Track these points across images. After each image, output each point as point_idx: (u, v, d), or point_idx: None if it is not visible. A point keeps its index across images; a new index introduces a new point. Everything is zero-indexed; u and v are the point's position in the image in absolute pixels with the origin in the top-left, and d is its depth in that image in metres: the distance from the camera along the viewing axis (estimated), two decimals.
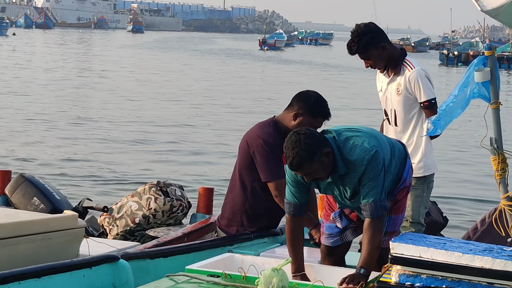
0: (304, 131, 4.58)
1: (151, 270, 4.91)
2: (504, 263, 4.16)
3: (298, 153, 4.51)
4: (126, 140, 17.72)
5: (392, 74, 6.22)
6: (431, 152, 6.26)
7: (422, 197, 6.23)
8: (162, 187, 6.67)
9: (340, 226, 5.17)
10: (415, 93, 6.13)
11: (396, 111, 6.23)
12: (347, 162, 4.67)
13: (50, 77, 33.78)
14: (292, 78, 39.08)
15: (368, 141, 4.71)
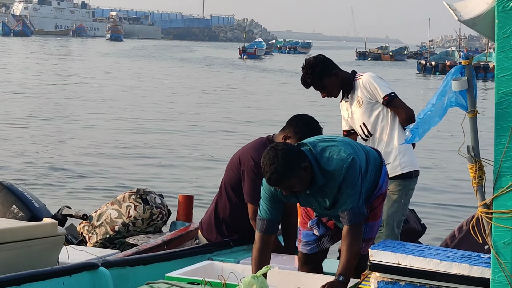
0: (281, 146, 4.59)
1: (131, 277, 4.91)
2: (481, 270, 4.19)
3: (276, 169, 4.52)
4: (104, 147, 17.68)
5: (350, 95, 6.37)
6: (407, 150, 6.33)
7: (400, 204, 6.27)
8: (142, 194, 6.68)
9: (318, 233, 5.20)
10: (374, 94, 6.29)
11: (365, 122, 6.34)
12: (325, 172, 4.70)
13: (29, 83, 33.65)
14: (275, 87, 39.13)
15: (344, 149, 4.74)
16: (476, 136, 3.49)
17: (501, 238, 3.40)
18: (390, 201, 6.19)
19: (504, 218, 3.37)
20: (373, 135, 6.36)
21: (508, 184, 3.33)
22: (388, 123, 6.31)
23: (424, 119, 3.52)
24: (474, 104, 3.49)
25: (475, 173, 3.44)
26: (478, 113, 3.46)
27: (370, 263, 4.41)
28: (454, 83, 3.43)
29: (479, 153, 3.47)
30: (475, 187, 3.48)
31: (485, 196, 3.47)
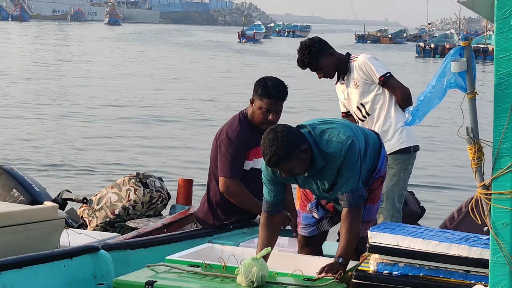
0: (281, 128, 4.60)
1: (131, 260, 4.93)
2: (480, 251, 4.22)
3: (276, 151, 4.53)
4: (104, 131, 17.69)
5: (346, 77, 6.41)
6: (404, 127, 6.36)
7: (398, 177, 6.30)
8: (142, 178, 6.69)
9: (317, 216, 5.21)
10: (370, 75, 6.34)
11: (362, 103, 6.39)
12: (325, 155, 4.71)
13: (29, 68, 33.62)
14: (277, 72, 39.11)
15: (343, 132, 4.75)
16: (475, 118, 3.49)
17: (500, 219, 3.40)
18: (389, 175, 6.22)
19: (503, 199, 3.38)
20: (370, 115, 6.41)
21: (507, 165, 3.34)
22: (385, 102, 6.36)
23: (424, 101, 3.52)
24: (473, 85, 3.49)
25: (474, 154, 3.45)
26: (477, 94, 3.47)
27: (369, 245, 4.44)
28: (453, 65, 3.43)
29: (478, 134, 3.48)
30: (474, 168, 3.49)
31: (484, 177, 3.48)
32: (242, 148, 5.75)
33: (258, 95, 5.71)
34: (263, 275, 4.32)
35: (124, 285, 4.33)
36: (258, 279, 4.29)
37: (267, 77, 5.79)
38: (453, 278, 4.27)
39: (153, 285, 4.26)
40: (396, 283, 4.34)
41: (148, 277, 4.39)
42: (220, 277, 4.45)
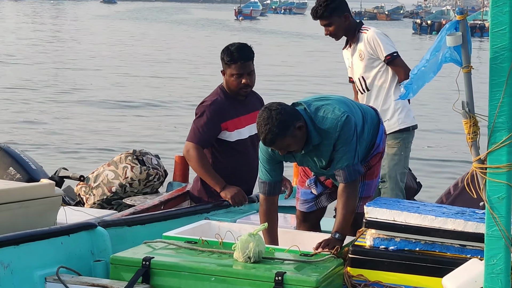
0: (275, 106, 4.60)
1: (128, 237, 4.94)
2: (476, 226, 4.24)
3: (270, 130, 4.54)
4: (100, 109, 17.66)
5: (353, 45, 6.40)
6: (404, 107, 6.38)
7: (400, 156, 6.33)
8: (138, 156, 6.69)
9: (316, 192, 5.23)
10: (377, 52, 6.32)
11: (364, 76, 6.39)
12: (321, 131, 4.71)
13: (23, 49, 33.53)
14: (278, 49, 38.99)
15: (338, 108, 4.75)
16: (470, 92, 3.50)
17: (495, 193, 3.42)
18: (391, 155, 6.25)
19: (499, 173, 3.38)
20: (370, 90, 6.41)
21: (502, 139, 3.34)
22: (387, 81, 6.37)
23: (418, 75, 3.52)
24: (468, 59, 3.49)
25: (470, 129, 3.45)
26: (472, 69, 3.47)
27: (366, 220, 4.45)
28: (449, 39, 3.42)
29: (473, 108, 3.48)
30: (469, 142, 3.49)
31: (479, 152, 3.49)
32: (214, 118, 5.78)
33: (226, 63, 5.77)
34: (260, 251, 4.34)
35: (121, 261, 4.35)
36: (255, 254, 4.31)
37: (229, 44, 5.84)
38: (449, 253, 4.29)
39: (150, 261, 4.28)
40: (392, 258, 4.36)
41: (145, 253, 4.40)
42: (217, 253, 4.47)
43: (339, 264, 4.42)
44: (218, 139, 5.86)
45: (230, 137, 5.84)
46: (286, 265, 4.29)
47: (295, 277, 4.11)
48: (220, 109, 5.79)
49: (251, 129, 5.92)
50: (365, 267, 4.40)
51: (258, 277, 4.14)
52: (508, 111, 3.33)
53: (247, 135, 5.91)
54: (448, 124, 16.96)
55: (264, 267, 4.26)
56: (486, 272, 3.49)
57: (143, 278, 4.25)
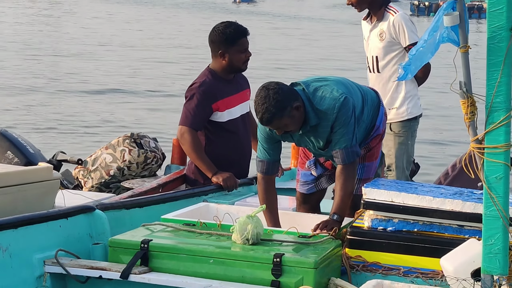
0: (273, 86, 4.60)
1: (127, 220, 4.94)
2: (473, 206, 4.24)
3: (267, 109, 4.54)
4: (98, 92, 17.64)
5: (375, 21, 6.32)
6: (414, 96, 6.34)
7: (407, 145, 6.32)
8: (136, 139, 6.68)
9: (315, 174, 5.23)
10: (399, 37, 6.24)
11: (378, 57, 6.32)
12: (318, 112, 4.71)
13: (21, 34, 33.44)
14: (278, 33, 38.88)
15: (336, 89, 4.74)
16: (468, 72, 3.49)
17: (493, 173, 3.42)
18: (398, 144, 6.25)
19: (496, 153, 3.39)
20: (380, 73, 6.33)
21: (500, 119, 3.34)
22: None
23: (416, 56, 3.51)
24: (466, 39, 3.48)
25: (467, 109, 3.45)
26: (470, 48, 3.46)
27: (364, 201, 4.46)
28: (446, 18, 3.41)
29: (471, 88, 3.48)
30: (467, 122, 3.49)
31: (477, 132, 3.49)
32: (204, 99, 5.79)
33: (230, 42, 5.80)
34: (258, 233, 4.34)
35: (120, 244, 4.35)
36: (253, 236, 4.32)
37: (222, 26, 5.87)
38: (447, 233, 4.30)
39: (149, 243, 4.28)
40: (390, 238, 4.37)
41: (144, 236, 4.41)
42: (216, 235, 4.47)
43: (338, 245, 4.42)
44: (210, 120, 5.86)
45: (221, 118, 5.85)
46: (284, 246, 4.29)
47: (294, 259, 4.11)
48: (209, 90, 5.80)
49: (242, 108, 5.95)
50: (364, 248, 4.41)
51: (256, 259, 4.15)
52: (505, 91, 3.33)
53: (239, 114, 5.93)
54: (447, 107, 16.96)
55: (263, 248, 4.26)
56: (484, 252, 3.50)
57: (141, 260, 4.25)
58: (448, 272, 3.83)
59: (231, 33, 5.79)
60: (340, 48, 30.05)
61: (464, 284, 3.70)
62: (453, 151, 12.60)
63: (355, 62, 22.34)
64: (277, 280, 4.08)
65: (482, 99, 3.40)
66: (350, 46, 29.18)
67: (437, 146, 13.35)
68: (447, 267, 3.86)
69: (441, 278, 4.11)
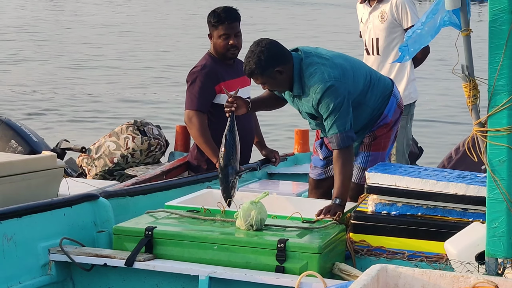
0: (264, 44, 4.68)
1: (130, 207, 4.95)
2: (477, 189, 4.24)
3: (249, 63, 4.65)
4: (99, 80, 17.63)
5: (375, 2, 6.29)
6: (414, 79, 6.34)
7: (406, 128, 6.33)
8: (139, 126, 6.69)
9: (321, 156, 5.23)
10: (401, 19, 6.22)
11: (379, 39, 6.29)
12: (304, 85, 4.73)
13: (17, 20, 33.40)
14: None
15: (329, 72, 4.70)
16: (470, 55, 3.48)
17: (496, 156, 3.41)
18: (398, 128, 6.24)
19: (499, 136, 3.38)
20: (380, 55, 6.31)
21: (502, 102, 3.33)
22: None
23: (413, 38, 3.51)
24: (467, 22, 3.47)
25: (470, 92, 3.44)
26: (471, 32, 3.45)
27: (367, 186, 4.46)
28: (447, 2, 3.40)
29: (473, 71, 3.47)
30: (469, 106, 3.48)
31: (479, 115, 3.48)
32: (206, 82, 5.81)
33: (213, 25, 5.82)
34: (262, 218, 4.35)
35: (124, 231, 4.36)
36: (257, 222, 4.32)
37: (214, 8, 5.88)
38: (451, 217, 4.31)
39: (153, 230, 4.29)
40: (394, 223, 4.38)
41: (148, 223, 4.42)
42: (220, 222, 4.48)
43: (342, 230, 4.43)
44: (212, 103, 5.86)
45: (224, 100, 5.84)
46: (288, 232, 4.30)
47: (298, 244, 4.12)
48: (211, 72, 5.81)
49: (243, 93, 5.92)
50: (368, 233, 4.42)
51: (260, 245, 4.16)
52: (508, 73, 3.32)
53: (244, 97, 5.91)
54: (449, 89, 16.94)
55: (267, 234, 4.27)
56: (488, 235, 3.50)
57: (146, 247, 4.27)
58: (452, 256, 3.84)
59: (214, 16, 5.81)
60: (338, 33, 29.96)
61: (468, 268, 3.70)
62: (455, 134, 12.59)
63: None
64: (282, 265, 4.09)
65: (484, 82, 3.39)
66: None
67: (440, 129, 13.34)
68: (451, 251, 3.86)
69: (446, 262, 4.12)
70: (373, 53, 6.33)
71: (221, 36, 5.78)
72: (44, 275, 4.31)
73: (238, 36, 5.82)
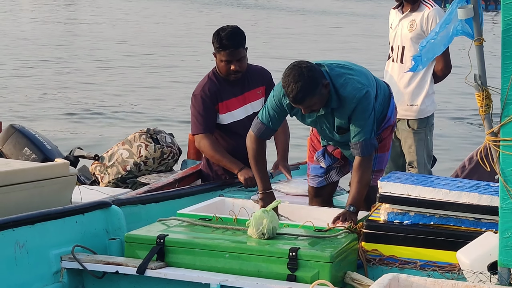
0: (305, 64, 4.59)
1: (143, 215, 4.96)
2: (490, 199, 4.22)
3: (302, 87, 4.52)
4: (113, 88, 17.67)
5: (408, 10, 6.29)
6: (433, 92, 6.34)
7: (426, 141, 6.33)
8: (152, 134, 6.70)
9: (324, 165, 5.23)
10: (429, 31, 6.19)
11: (405, 47, 6.28)
12: (339, 96, 4.70)
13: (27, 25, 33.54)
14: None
15: (359, 80, 4.74)
16: (482, 64, 3.48)
17: (509, 166, 3.41)
18: (418, 141, 6.26)
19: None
20: (403, 64, 6.29)
21: None
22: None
23: (427, 48, 3.51)
24: (480, 32, 3.47)
25: (482, 101, 3.44)
26: (484, 41, 3.45)
27: (380, 195, 4.45)
28: (460, 12, 3.40)
29: (486, 81, 3.46)
30: (482, 115, 3.48)
31: (492, 125, 3.47)
32: (206, 102, 5.78)
33: (216, 48, 5.76)
34: (273, 227, 4.35)
35: (136, 239, 4.37)
36: (269, 230, 4.32)
37: (220, 28, 5.80)
38: (463, 226, 4.29)
39: (165, 238, 4.30)
40: (407, 232, 4.36)
41: (160, 231, 4.42)
42: (231, 230, 4.48)
43: (354, 239, 4.42)
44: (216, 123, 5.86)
45: (223, 120, 5.83)
46: (300, 240, 4.30)
47: (309, 253, 4.11)
48: (210, 93, 5.78)
49: (247, 109, 5.90)
50: (380, 242, 4.41)
51: (272, 253, 4.15)
52: None
53: (243, 115, 5.87)
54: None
55: (278, 243, 4.27)
56: (501, 245, 3.49)
57: (157, 255, 4.27)
58: (465, 265, 3.83)
59: (218, 40, 5.72)
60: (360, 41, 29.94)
61: (480, 277, 3.69)
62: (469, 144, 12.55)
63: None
64: (293, 274, 4.09)
65: (497, 92, 3.38)
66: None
67: (453, 139, 13.31)
68: (464, 260, 3.85)
69: (458, 272, 4.10)
70: (396, 61, 6.32)
71: (223, 61, 5.73)
72: (56, 282, 4.32)
73: (241, 61, 5.75)
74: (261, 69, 6.02)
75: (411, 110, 6.24)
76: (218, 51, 5.73)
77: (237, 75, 5.78)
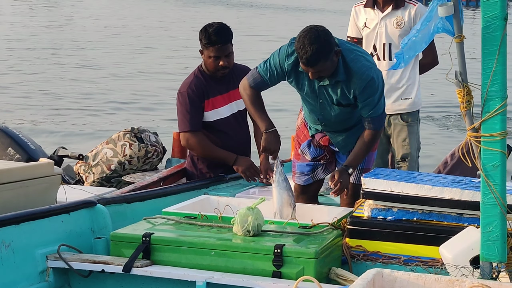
0: (322, 28, 4.61)
1: (128, 214, 4.97)
2: (472, 194, 4.27)
3: (318, 49, 4.53)
4: (97, 88, 17.65)
5: (390, 8, 6.27)
6: (420, 86, 6.41)
7: (416, 133, 6.42)
8: (137, 133, 6.72)
9: (309, 157, 5.26)
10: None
11: (392, 44, 6.29)
12: (348, 70, 4.72)
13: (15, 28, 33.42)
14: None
15: (367, 59, 4.82)
16: (463, 61, 3.52)
17: (490, 161, 3.45)
18: (411, 134, 6.32)
19: (492, 141, 3.41)
20: (392, 61, 6.31)
21: (495, 108, 3.37)
22: (415, 59, 6.29)
23: (408, 45, 3.54)
24: (460, 29, 3.51)
25: (463, 98, 3.48)
26: (464, 38, 3.49)
27: (363, 191, 4.48)
28: (440, 9, 3.44)
29: (466, 78, 3.50)
30: (463, 111, 3.52)
31: (473, 120, 3.51)
32: (195, 100, 5.80)
33: (204, 44, 5.78)
34: (258, 224, 4.37)
35: (121, 238, 4.38)
36: (254, 228, 4.35)
37: (207, 25, 5.82)
38: (446, 221, 4.33)
39: (150, 237, 4.31)
40: (390, 228, 4.40)
41: (145, 229, 4.44)
42: (217, 227, 4.50)
43: (338, 235, 4.45)
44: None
45: (208, 118, 5.85)
46: (285, 237, 4.33)
47: (294, 249, 4.14)
48: (196, 90, 5.81)
49: (232, 107, 5.92)
50: (364, 238, 4.44)
51: (257, 250, 4.18)
52: (500, 79, 3.35)
53: (229, 113, 5.91)
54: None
55: (263, 240, 4.29)
56: (483, 239, 3.53)
57: (143, 254, 4.29)
58: (448, 260, 3.86)
59: (206, 36, 5.75)
60: None
61: (463, 272, 3.73)
62: (451, 140, 12.62)
63: None
64: (278, 270, 4.11)
65: (478, 88, 3.42)
66: None
67: (435, 135, 13.37)
68: (446, 255, 3.89)
69: (441, 266, 4.14)
70: (384, 59, 6.34)
71: (211, 57, 5.76)
72: (42, 281, 4.32)
73: (229, 56, 5.79)
74: (246, 68, 6.04)
75: (405, 103, 6.30)
76: (206, 47, 5.75)
77: (225, 71, 5.81)
